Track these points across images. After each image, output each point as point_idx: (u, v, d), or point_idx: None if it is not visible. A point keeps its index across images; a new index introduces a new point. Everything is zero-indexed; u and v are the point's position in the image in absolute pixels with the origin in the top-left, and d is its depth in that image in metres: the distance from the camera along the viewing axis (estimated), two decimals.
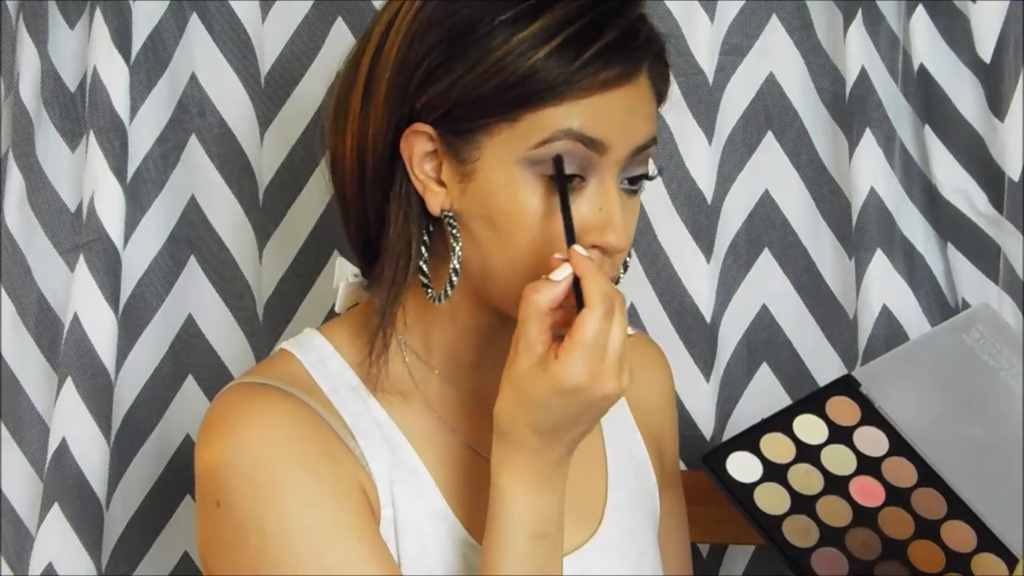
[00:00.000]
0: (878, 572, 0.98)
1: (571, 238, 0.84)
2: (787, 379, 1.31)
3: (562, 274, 0.83)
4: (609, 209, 0.88)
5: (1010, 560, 0.95)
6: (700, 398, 1.30)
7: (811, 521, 1.01)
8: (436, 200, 0.89)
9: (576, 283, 0.83)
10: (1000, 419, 1.04)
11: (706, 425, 1.30)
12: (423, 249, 0.90)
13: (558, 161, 0.86)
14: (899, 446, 1.03)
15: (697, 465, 1.13)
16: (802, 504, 1.02)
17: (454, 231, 0.88)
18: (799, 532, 1.01)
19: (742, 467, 1.04)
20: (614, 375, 0.82)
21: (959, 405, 1.06)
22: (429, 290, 0.90)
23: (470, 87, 0.85)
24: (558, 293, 0.83)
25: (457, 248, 0.88)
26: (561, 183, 0.86)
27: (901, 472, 1.03)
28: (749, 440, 1.05)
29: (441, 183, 0.89)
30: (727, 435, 1.30)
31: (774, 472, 1.04)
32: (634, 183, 0.91)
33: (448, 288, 0.89)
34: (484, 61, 0.85)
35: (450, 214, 0.89)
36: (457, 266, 0.88)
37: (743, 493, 1.03)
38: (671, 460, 1.12)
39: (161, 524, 1.36)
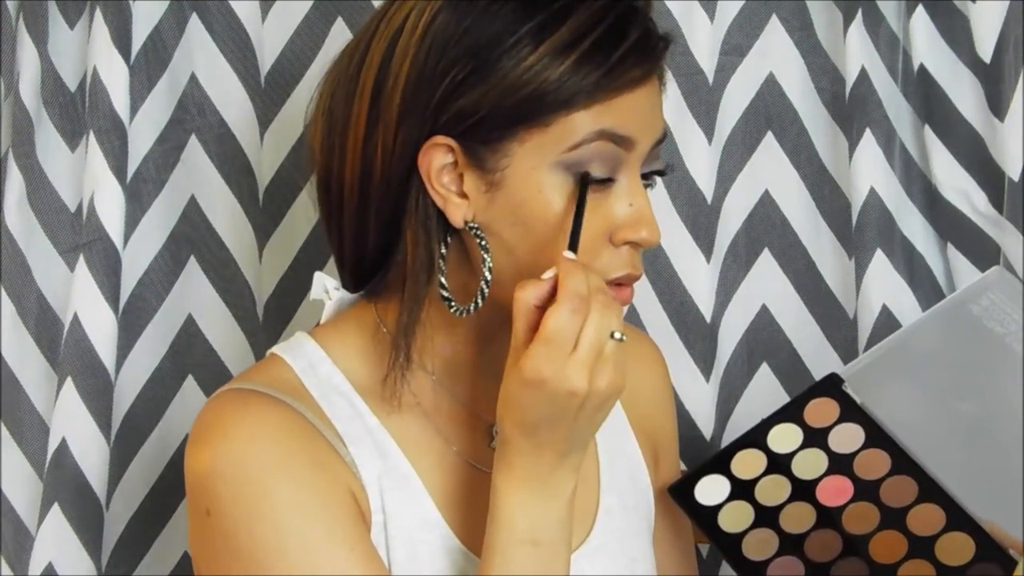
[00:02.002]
0: (836, 570, 0.98)
1: (573, 245, 0.85)
2: (787, 379, 1.31)
3: (550, 274, 0.83)
4: (639, 204, 0.89)
5: (1007, 562, 0.95)
6: (700, 398, 1.30)
7: (772, 532, 1.01)
8: (459, 212, 0.88)
9: None
10: (999, 386, 1.03)
11: (706, 425, 1.30)
12: (442, 263, 0.89)
13: (584, 178, 0.86)
14: (875, 437, 1.03)
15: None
16: (766, 516, 1.02)
17: (482, 242, 0.88)
18: (759, 545, 1.01)
19: (710, 490, 1.04)
20: (581, 371, 0.81)
21: (952, 383, 1.05)
22: (452, 304, 0.89)
23: (501, 98, 0.85)
24: (543, 291, 0.83)
25: (488, 259, 0.88)
26: (581, 197, 0.86)
27: (873, 464, 1.02)
28: (720, 463, 1.06)
29: (463, 195, 0.88)
30: (727, 435, 1.31)
31: (742, 489, 1.04)
32: (646, 179, 0.91)
33: (479, 300, 0.88)
34: (515, 71, 0.85)
35: (475, 225, 0.88)
36: (489, 277, 0.88)
37: (707, 517, 1.03)
38: (670, 460, 1.12)
39: (161, 524, 1.36)
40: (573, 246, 0.85)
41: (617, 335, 0.82)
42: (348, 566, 0.85)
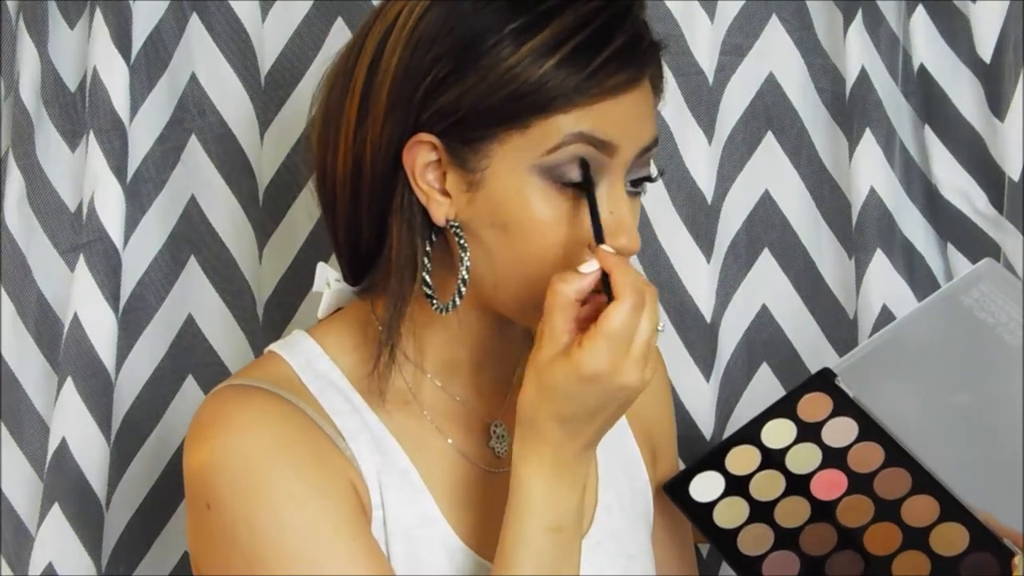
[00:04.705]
0: (831, 564, 0.98)
1: (599, 237, 0.85)
2: (787, 379, 1.31)
3: (590, 267, 0.83)
4: (620, 212, 0.89)
5: (1001, 551, 0.95)
6: (700, 398, 1.30)
7: (767, 527, 1.01)
8: (441, 210, 0.88)
9: (605, 279, 0.83)
10: (991, 377, 1.04)
11: (706, 425, 1.30)
12: (426, 260, 0.90)
13: (584, 164, 0.86)
14: (868, 430, 1.03)
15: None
16: (761, 511, 1.02)
17: (461, 241, 0.88)
18: (754, 540, 1.01)
19: (705, 487, 1.05)
20: (636, 367, 0.82)
21: (945, 375, 1.05)
22: (434, 301, 0.89)
23: (481, 97, 0.85)
24: (585, 285, 0.83)
25: (465, 258, 0.88)
26: (588, 184, 0.86)
27: (867, 457, 1.02)
28: (714, 459, 1.06)
29: (445, 193, 0.88)
30: (727, 435, 1.30)
31: (736, 485, 1.04)
32: (636, 185, 0.91)
33: (456, 299, 0.88)
34: (495, 70, 0.85)
35: (456, 224, 0.88)
36: (466, 276, 0.88)
37: (702, 513, 1.03)
38: (669, 458, 1.12)
39: (161, 524, 1.36)
40: (600, 238, 0.85)
41: (660, 326, 0.84)
42: (349, 558, 0.85)
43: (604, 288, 0.83)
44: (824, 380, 1.07)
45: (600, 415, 0.85)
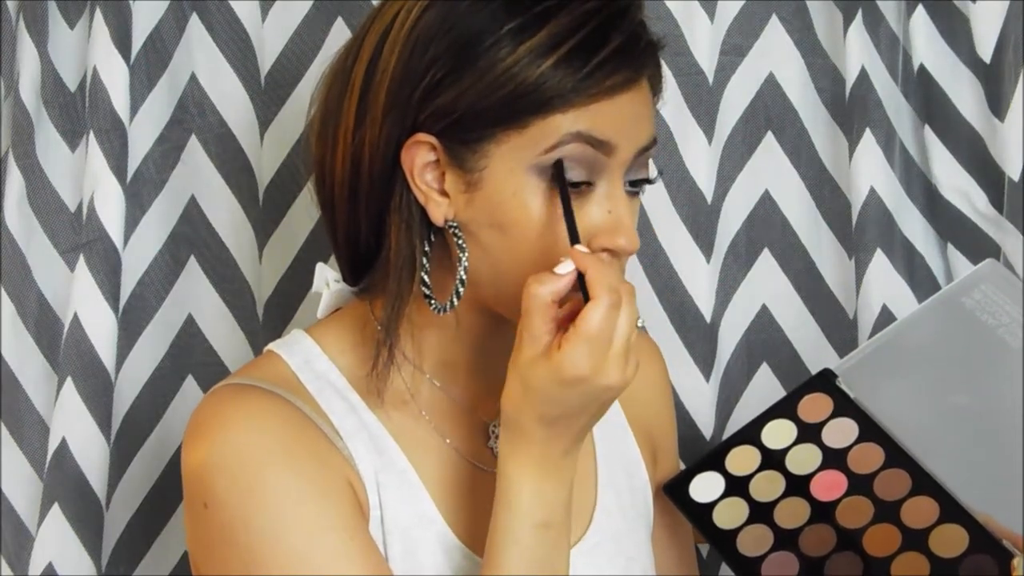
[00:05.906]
0: (831, 565, 0.98)
1: (574, 238, 0.85)
2: (787, 379, 1.31)
3: (565, 268, 0.83)
4: (618, 212, 0.89)
5: (1001, 553, 0.95)
6: (700, 398, 1.30)
7: (766, 528, 1.01)
8: (439, 210, 0.88)
9: (581, 279, 0.83)
10: (992, 379, 1.04)
11: (706, 425, 1.30)
12: (425, 260, 0.90)
13: (558, 165, 0.86)
14: (868, 431, 1.03)
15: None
16: (760, 512, 1.02)
17: (460, 241, 0.88)
18: (754, 541, 1.01)
19: (705, 487, 1.05)
20: (618, 366, 0.82)
21: (946, 376, 1.05)
22: (432, 301, 0.89)
23: (478, 97, 0.85)
24: (561, 286, 0.83)
25: (464, 258, 0.88)
26: (562, 185, 0.86)
27: (867, 458, 1.02)
28: (714, 460, 1.06)
29: (444, 193, 0.89)
30: (727, 435, 1.30)
31: (736, 486, 1.04)
32: (635, 185, 0.91)
33: (455, 299, 0.88)
34: (492, 71, 0.85)
35: (454, 224, 0.88)
36: (464, 276, 0.88)
37: (701, 514, 1.03)
38: (669, 459, 1.12)
39: (161, 524, 1.36)
40: (575, 238, 0.85)
41: (640, 323, 0.83)
42: (346, 557, 0.85)
43: (581, 288, 0.83)
44: (825, 381, 1.07)
45: (584, 414, 0.85)
